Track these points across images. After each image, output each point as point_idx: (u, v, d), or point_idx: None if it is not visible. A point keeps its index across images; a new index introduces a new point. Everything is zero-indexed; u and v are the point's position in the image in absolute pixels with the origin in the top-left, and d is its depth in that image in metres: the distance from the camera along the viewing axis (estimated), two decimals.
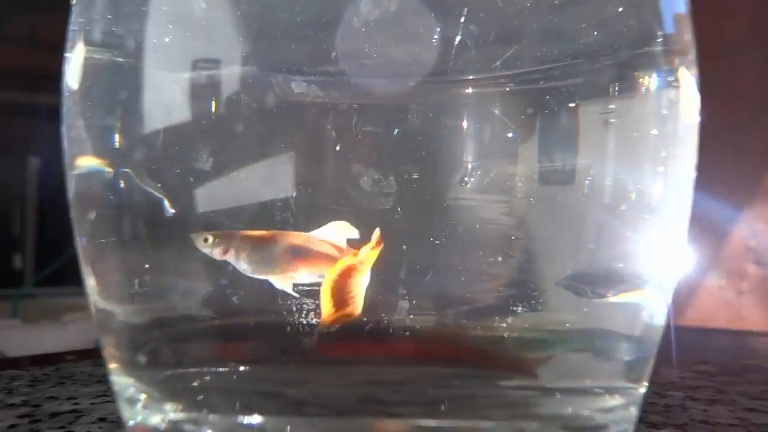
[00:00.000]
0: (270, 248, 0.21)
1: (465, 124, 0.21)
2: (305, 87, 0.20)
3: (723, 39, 0.84)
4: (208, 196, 0.21)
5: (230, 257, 0.21)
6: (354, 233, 0.20)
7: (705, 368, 0.46)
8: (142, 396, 0.22)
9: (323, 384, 0.22)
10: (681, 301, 0.87)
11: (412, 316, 0.21)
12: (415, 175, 0.20)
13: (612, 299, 0.22)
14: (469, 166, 0.21)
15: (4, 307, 1.14)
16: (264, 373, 0.22)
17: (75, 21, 0.24)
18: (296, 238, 0.21)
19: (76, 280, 0.24)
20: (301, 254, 0.21)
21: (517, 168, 0.21)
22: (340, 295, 0.20)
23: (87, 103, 0.23)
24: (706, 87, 0.24)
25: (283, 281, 0.21)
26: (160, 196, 0.21)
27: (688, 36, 0.23)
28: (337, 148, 0.21)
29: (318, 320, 0.20)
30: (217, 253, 0.21)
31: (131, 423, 0.23)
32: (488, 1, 0.21)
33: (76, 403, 0.31)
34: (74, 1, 0.24)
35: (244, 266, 0.21)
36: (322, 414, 0.21)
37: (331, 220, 0.21)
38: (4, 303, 1.14)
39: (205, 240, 0.21)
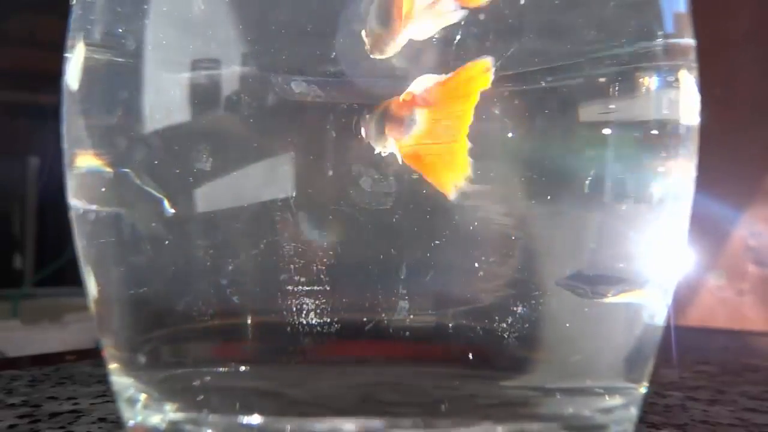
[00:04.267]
0: None
1: None
2: (305, 87, 0.20)
3: (723, 39, 0.84)
4: (208, 196, 0.21)
5: None
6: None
7: (705, 368, 0.46)
8: (142, 396, 0.22)
9: (323, 384, 0.21)
10: (681, 301, 0.87)
11: (412, 317, 0.21)
12: (415, 175, 0.20)
13: (612, 299, 0.22)
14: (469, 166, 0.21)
15: (4, 307, 1.14)
16: (264, 373, 0.22)
17: (75, 21, 0.24)
18: None
19: (76, 280, 0.24)
20: None
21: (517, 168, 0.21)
22: None
23: (87, 103, 0.23)
24: (706, 87, 0.24)
25: None
26: (160, 196, 0.21)
27: (688, 36, 0.23)
28: (337, 147, 0.21)
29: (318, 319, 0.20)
30: None
31: (131, 423, 0.23)
32: (488, 1, 0.21)
33: (76, 403, 0.31)
34: (74, 1, 0.24)
35: None
36: (322, 414, 0.21)
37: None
38: (4, 303, 1.14)
39: None
